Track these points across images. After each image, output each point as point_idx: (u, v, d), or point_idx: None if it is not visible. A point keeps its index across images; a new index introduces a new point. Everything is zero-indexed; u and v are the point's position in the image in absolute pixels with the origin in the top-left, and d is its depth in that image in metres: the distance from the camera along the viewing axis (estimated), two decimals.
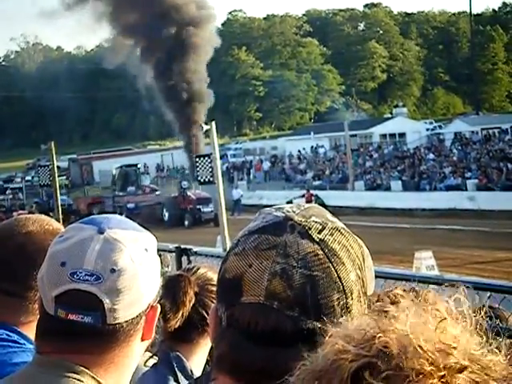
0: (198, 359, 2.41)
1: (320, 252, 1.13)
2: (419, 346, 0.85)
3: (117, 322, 1.37)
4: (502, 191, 31.89)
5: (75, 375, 1.36)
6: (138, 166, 44.86)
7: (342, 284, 1.13)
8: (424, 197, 34.17)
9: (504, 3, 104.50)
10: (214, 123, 12.91)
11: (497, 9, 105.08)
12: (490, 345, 0.90)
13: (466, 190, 33.96)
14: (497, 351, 0.89)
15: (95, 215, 1.50)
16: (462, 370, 0.84)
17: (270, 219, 1.17)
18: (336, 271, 1.12)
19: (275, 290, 1.10)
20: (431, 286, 4.30)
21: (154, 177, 56.52)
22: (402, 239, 24.61)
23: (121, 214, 38.01)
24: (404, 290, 1.41)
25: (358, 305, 1.14)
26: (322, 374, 0.86)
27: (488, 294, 3.89)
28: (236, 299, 1.13)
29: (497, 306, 3.59)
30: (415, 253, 15.68)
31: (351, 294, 1.13)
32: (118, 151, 60.85)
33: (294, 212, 1.17)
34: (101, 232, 1.40)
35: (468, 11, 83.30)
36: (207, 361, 2.42)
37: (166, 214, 37.01)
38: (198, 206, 35.55)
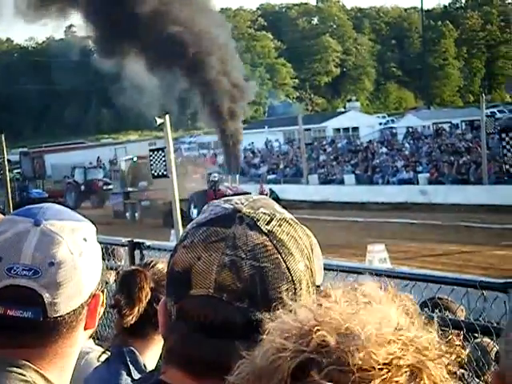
0: (151, 354, 2.41)
1: (269, 243, 1.14)
2: (356, 335, 0.84)
3: (58, 314, 1.36)
4: (452, 185, 32.37)
5: (17, 369, 1.35)
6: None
7: (291, 274, 1.14)
8: (377, 190, 34.50)
9: None
10: (167, 116, 12.85)
11: (447, 4, 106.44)
12: (424, 326, 0.91)
13: (418, 183, 34.38)
14: (431, 331, 0.91)
15: (31, 206, 1.47)
16: (401, 354, 0.84)
17: (218, 211, 1.17)
18: (285, 262, 1.13)
19: (224, 282, 1.11)
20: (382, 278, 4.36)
21: (108, 170, 55.98)
22: (355, 232, 24.83)
23: (134, 212, 34.70)
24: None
25: (307, 295, 1.15)
26: (261, 374, 0.85)
27: (438, 286, 3.96)
28: (185, 292, 1.13)
29: (446, 297, 3.66)
30: (368, 246, 15.83)
31: (300, 284, 1.14)
32: (71, 144, 60.13)
33: (242, 204, 1.18)
34: (37, 224, 1.37)
35: (419, 7, 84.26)
36: (161, 355, 2.42)
37: (195, 211, 32.13)
38: None
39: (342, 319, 0.86)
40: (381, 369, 0.83)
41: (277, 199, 28.15)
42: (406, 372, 0.84)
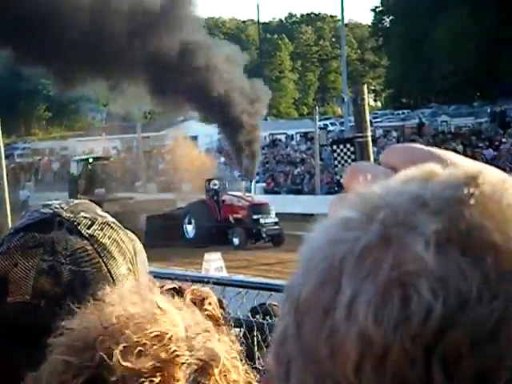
0: None
1: (89, 247, 1.13)
2: (140, 343, 0.83)
3: None
4: (287, 194, 33.28)
5: None
6: (111, 159, 33.62)
7: (113, 278, 1.14)
8: None
9: (290, 13, 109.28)
10: None
11: (283, 18, 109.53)
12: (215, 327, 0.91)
13: (255, 193, 35.07)
14: (223, 335, 0.93)
15: None
16: (181, 355, 0.85)
17: (36, 216, 1.15)
18: (106, 266, 1.14)
19: (42, 288, 1.09)
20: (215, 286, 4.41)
21: None
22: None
23: None
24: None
25: None
26: None
27: (269, 293, 4.05)
28: (1, 300, 1.10)
29: (277, 304, 3.75)
30: (205, 255, 15.96)
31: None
32: None
33: (62, 208, 1.17)
34: None
35: (256, 19, 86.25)
36: None
37: (189, 227, 24.86)
38: (254, 216, 23.89)
39: (125, 326, 0.84)
40: (159, 372, 0.82)
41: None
42: (190, 369, 0.84)
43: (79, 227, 1.14)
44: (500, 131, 36.37)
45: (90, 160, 31.36)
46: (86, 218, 1.16)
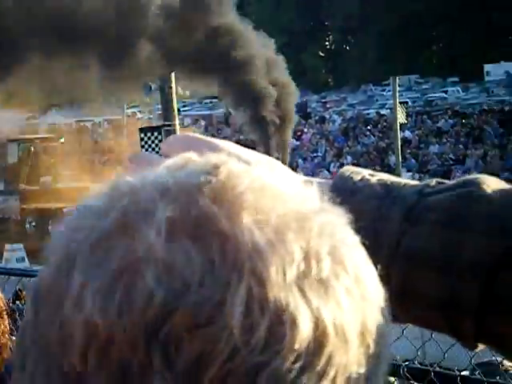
0: None
1: None
2: None
3: None
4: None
5: None
6: (62, 140, 27.50)
7: None
8: None
9: None
10: None
11: None
12: None
13: None
14: None
15: None
16: None
17: None
18: None
19: None
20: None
21: None
22: None
23: (42, 222, 20.43)
24: None
25: None
26: None
27: None
28: None
29: None
30: (6, 245, 15.49)
31: None
32: None
33: None
34: None
35: None
36: None
37: None
38: None
39: None
40: None
41: None
42: None
43: None
44: (302, 121, 37.86)
45: (34, 141, 25.45)
46: None
